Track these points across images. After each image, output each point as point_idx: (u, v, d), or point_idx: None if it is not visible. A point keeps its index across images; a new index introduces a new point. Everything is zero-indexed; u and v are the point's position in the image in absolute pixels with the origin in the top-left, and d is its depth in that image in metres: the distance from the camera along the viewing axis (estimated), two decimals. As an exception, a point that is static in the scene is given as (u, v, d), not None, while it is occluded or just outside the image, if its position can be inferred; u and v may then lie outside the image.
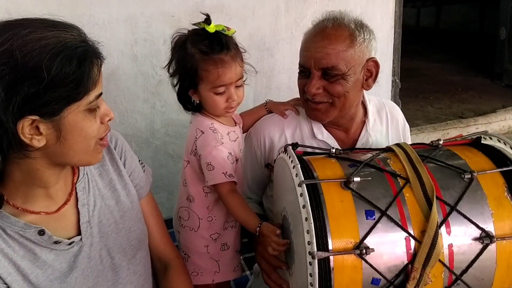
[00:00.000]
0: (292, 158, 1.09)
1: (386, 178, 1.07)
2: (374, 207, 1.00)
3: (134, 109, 2.09)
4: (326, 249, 0.95)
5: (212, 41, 1.22)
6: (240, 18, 2.16)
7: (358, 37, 1.29)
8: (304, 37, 1.37)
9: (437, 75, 5.05)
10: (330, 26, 1.29)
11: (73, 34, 0.86)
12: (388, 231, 0.99)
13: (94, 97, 0.89)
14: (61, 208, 1.01)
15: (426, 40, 6.29)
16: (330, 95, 1.31)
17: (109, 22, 1.90)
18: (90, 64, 0.86)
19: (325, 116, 1.36)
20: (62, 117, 0.86)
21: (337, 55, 1.26)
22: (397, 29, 2.56)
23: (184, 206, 1.39)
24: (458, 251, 1.01)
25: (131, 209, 1.14)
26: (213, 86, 1.25)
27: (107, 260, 1.08)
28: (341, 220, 0.99)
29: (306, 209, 0.97)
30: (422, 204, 1.02)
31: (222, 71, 1.23)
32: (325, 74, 1.28)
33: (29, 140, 0.85)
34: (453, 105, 4.03)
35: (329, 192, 1.02)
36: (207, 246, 1.38)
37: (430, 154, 1.14)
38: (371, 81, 1.37)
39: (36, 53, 0.80)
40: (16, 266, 0.94)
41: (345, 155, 1.17)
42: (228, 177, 1.26)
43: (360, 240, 0.97)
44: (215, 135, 1.28)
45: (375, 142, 1.47)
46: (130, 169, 1.16)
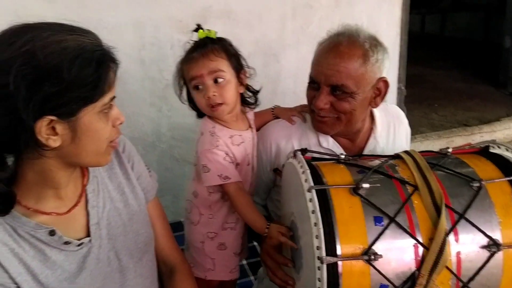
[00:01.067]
0: (301, 163, 1.09)
1: (394, 185, 1.07)
2: (383, 214, 1.01)
3: (141, 112, 2.10)
4: (334, 254, 0.96)
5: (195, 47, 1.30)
6: (247, 24, 2.17)
7: (371, 57, 1.27)
8: (317, 48, 1.36)
9: (442, 82, 5.04)
10: (345, 44, 1.27)
11: (90, 38, 0.88)
12: (397, 237, 1.00)
13: (108, 100, 0.91)
14: (71, 209, 1.02)
15: (431, 47, 6.29)
16: (337, 111, 1.31)
17: (117, 26, 1.92)
18: (107, 68, 0.89)
19: (330, 130, 1.37)
20: (78, 118, 0.87)
21: (347, 74, 1.25)
22: (403, 36, 2.56)
23: (189, 200, 1.44)
24: (465, 258, 1.01)
25: (138, 212, 1.15)
26: (189, 81, 1.30)
27: (114, 262, 1.09)
28: (350, 225, 0.99)
29: (315, 214, 0.98)
30: (431, 211, 1.02)
31: (190, 65, 1.28)
32: (334, 90, 1.28)
33: (46, 140, 0.86)
34: (458, 113, 4.02)
35: (338, 197, 1.02)
36: (203, 243, 1.41)
37: (439, 161, 1.15)
38: (379, 100, 1.36)
39: (57, 55, 0.82)
40: (26, 266, 0.94)
41: (353, 161, 1.17)
42: (223, 179, 1.29)
43: (369, 246, 0.98)
44: (211, 138, 1.31)
45: (383, 149, 1.47)
46: (137, 173, 1.17)
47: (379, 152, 1.46)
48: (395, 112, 1.56)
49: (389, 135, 1.49)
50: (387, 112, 1.51)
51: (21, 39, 0.82)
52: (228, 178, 1.30)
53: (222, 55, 1.29)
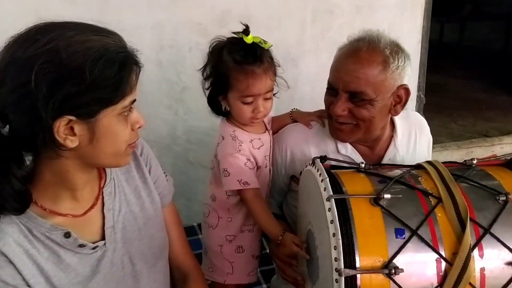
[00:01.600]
0: (320, 172, 1.07)
1: (417, 196, 1.05)
2: (405, 226, 0.98)
3: (157, 115, 2.09)
4: (353, 266, 0.93)
5: (247, 52, 1.24)
6: (266, 28, 2.15)
7: (391, 64, 1.24)
8: (337, 53, 1.34)
9: (461, 91, 4.95)
10: (364, 50, 1.24)
11: (114, 40, 0.87)
12: (419, 251, 0.97)
13: (129, 102, 0.90)
14: (87, 211, 1.01)
15: (449, 56, 6.18)
16: (355, 118, 1.28)
17: (137, 28, 1.91)
18: (129, 70, 0.88)
19: (347, 137, 1.34)
20: (97, 119, 0.87)
21: (366, 81, 1.23)
22: (424, 44, 2.52)
23: (207, 203, 1.43)
24: (490, 275, 0.98)
25: (154, 217, 1.14)
26: (241, 96, 1.26)
27: (128, 266, 1.07)
28: (370, 237, 0.97)
29: (334, 225, 0.95)
30: (455, 225, 0.99)
31: (252, 82, 1.24)
32: (352, 97, 1.26)
33: (63, 140, 0.85)
34: (478, 123, 3.93)
35: (358, 208, 1.00)
36: (221, 246, 1.41)
37: (463, 173, 1.12)
38: (399, 107, 1.33)
39: (80, 54, 0.81)
40: (40, 268, 0.93)
41: (374, 171, 1.15)
42: (242, 184, 1.29)
43: (389, 259, 0.95)
44: (233, 143, 1.31)
45: (403, 158, 1.43)
46: (155, 177, 1.16)
47: (399, 160, 1.42)
48: (416, 120, 1.52)
49: (409, 143, 1.45)
50: (408, 119, 1.47)
51: (45, 37, 0.81)
52: (247, 184, 1.29)
53: (274, 71, 1.29)
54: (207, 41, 2.05)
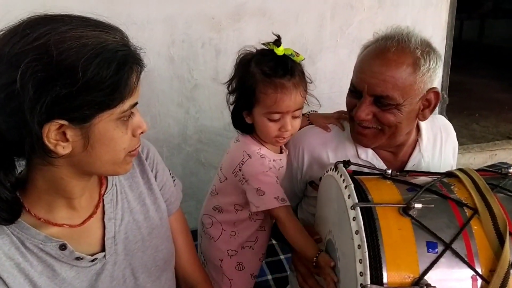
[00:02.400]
0: (344, 177, 0.99)
1: (450, 207, 0.96)
2: (437, 239, 0.90)
3: (168, 113, 2.04)
4: (380, 282, 0.85)
5: (277, 64, 1.14)
6: (282, 23, 2.08)
7: (422, 66, 1.14)
8: (362, 51, 1.24)
9: (482, 91, 4.84)
10: (393, 50, 1.14)
11: (115, 36, 0.79)
12: (453, 267, 0.88)
13: (128, 106, 0.82)
14: (86, 221, 0.94)
15: (469, 54, 6.06)
16: (380, 122, 1.19)
17: (148, 22, 1.85)
18: (130, 71, 0.79)
19: (370, 142, 1.24)
20: (92, 124, 0.79)
21: (394, 84, 1.12)
22: (448, 41, 2.42)
23: (209, 214, 1.35)
24: (531, 295, 0.88)
25: (159, 226, 1.06)
26: (268, 112, 1.17)
27: (130, 280, 1.00)
28: (399, 250, 0.88)
29: (360, 235, 0.88)
30: (493, 239, 0.91)
31: (281, 96, 1.14)
32: (378, 101, 1.16)
33: (54, 146, 0.78)
34: (500, 125, 3.82)
35: (386, 218, 0.91)
36: (221, 260, 1.33)
37: (499, 183, 1.03)
38: (427, 112, 1.22)
39: (74, 52, 0.73)
40: (33, 283, 0.86)
41: (402, 178, 1.06)
42: (280, 201, 1.20)
43: (420, 276, 0.86)
44: (263, 160, 1.22)
45: (428, 164, 1.34)
46: (161, 183, 1.08)
47: (424, 166, 1.33)
48: (442, 124, 1.42)
49: (435, 148, 1.36)
50: (433, 123, 1.37)
51: (35, 32, 0.74)
52: (285, 200, 1.20)
53: (305, 87, 1.20)
54: (221, 36, 1.99)
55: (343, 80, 2.41)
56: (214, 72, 2.01)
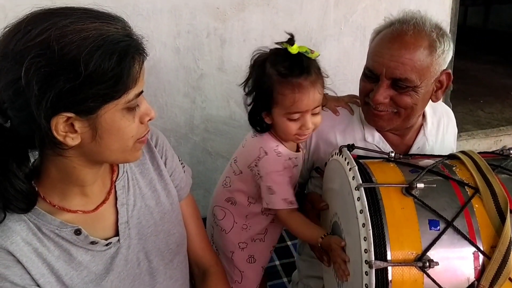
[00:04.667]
0: (348, 160, 1.02)
1: (452, 187, 0.99)
2: (439, 217, 0.92)
3: (174, 103, 2.05)
4: (384, 258, 0.88)
5: (293, 63, 1.13)
6: (286, 12, 2.08)
7: (438, 48, 1.17)
8: (376, 36, 1.26)
9: (487, 77, 4.80)
10: (410, 33, 1.17)
11: (117, 27, 0.79)
12: (454, 244, 0.91)
13: (133, 96, 0.83)
14: (99, 207, 0.96)
15: (474, 40, 6.00)
16: (397, 105, 1.22)
17: (153, 13, 1.86)
18: (132, 61, 0.80)
19: (386, 124, 1.27)
20: (98, 115, 0.80)
21: (412, 67, 1.16)
22: (453, 27, 2.41)
23: (221, 206, 1.35)
24: (532, 270, 0.91)
25: (171, 211, 1.09)
26: (288, 112, 1.16)
27: (144, 263, 1.03)
28: (402, 228, 0.91)
29: (364, 214, 0.91)
30: (494, 217, 0.93)
31: (299, 96, 1.13)
32: (395, 84, 1.19)
33: (63, 138, 0.80)
34: (505, 110, 3.80)
35: (389, 197, 0.94)
36: (232, 252, 1.34)
37: (500, 163, 1.05)
38: (440, 93, 1.27)
39: (75, 46, 0.74)
40: (50, 267, 0.90)
41: (405, 160, 1.09)
42: (288, 204, 1.20)
43: (423, 252, 0.90)
44: (279, 159, 1.21)
45: (432, 147, 1.38)
46: (171, 169, 1.10)
47: (428, 150, 1.37)
48: (444, 109, 1.46)
49: (438, 132, 1.40)
50: (436, 109, 1.41)
51: (37, 28, 0.75)
52: (292, 204, 1.21)
53: (322, 83, 1.18)
54: (226, 26, 2.00)
55: (347, 68, 2.41)
56: (220, 61, 2.02)
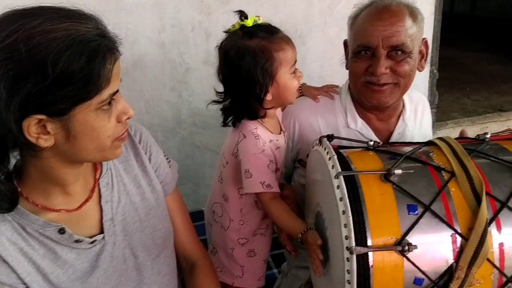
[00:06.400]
0: (328, 150, 1.03)
1: (429, 172, 1.00)
2: (417, 202, 0.94)
3: (161, 97, 2.05)
4: (365, 244, 0.90)
5: (264, 28, 1.19)
6: (271, 4, 2.08)
7: (418, 15, 1.27)
8: (357, 18, 1.30)
9: (474, 65, 4.83)
10: (394, 4, 1.26)
11: (88, 26, 0.78)
12: (432, 227, 0.93)
13: (107, 96, 0.81)
14: (82, 205, 0.97)
15: (461, 28, 6.02)
16: (396, 75, 1.26)
17: (137, 7, 1.85)
18: (103, 61, 0.78)
19: (389, 99, 1.30)
20: (71, 116, 0.79)
21: (405, 32, 1.23)
22: (437, 16, 2.42)
23: (219, 202, 1.36)
24: (509, 250, 0.94)
25: (156, 207, 1.09)
26: (291, 65, 1.22)
27: (130, 259, 1.04)
28: (381, 214, 0.93)
29: (344, 202, 0.92)
30: (470, 200, 0.95)
31: (292, 46, 1.21)
32: (391, 53, 1.25)
33: (36, 139, 0.79)
34: (492, 97, 3.84)
35: (368, 185, 0.96)
36: (232, 249, 1.35)
37: (476, 147, 1.07)
38: (423, 62, 1.35)
39: (43, 47, 0.73)
40: (36, 265, 0.91)
41: (383, 148, 1.10)
42: (265, 187, 1.21)
43: (402, 236, 0.91)
44: (256, 142, 1.22)
45: (412, 133, 1.42)
46: (155, 165, 1.11)
47: (408, 135, 1.41)
48: (419, 97, 1.53)
49: (416, 119, 1.45)
50: (411, 97, 1.47)
51: (6, 30, 0.73)
52: (270, 186, 1.21)
53: None
54: (210, 19, 2.00)
55: (334, 59, 2.41)
56: (206, 55, 2.03)
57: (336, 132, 1.15)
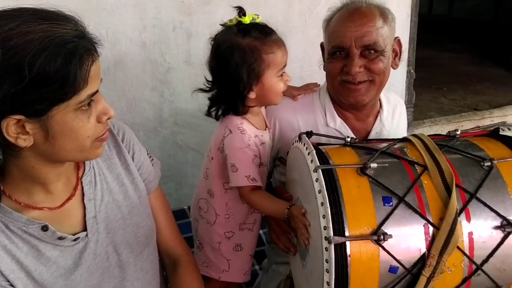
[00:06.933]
0: (307, 145, 1.07)
1: (403, 166, 1.05)
2: (392, 194, 0.98)
3: (142, 97, 2.06)
4: (342, 234, 0.94)
5: (259, 28, 1.21)
6: (252, 5, 2.08)
7: (388, 15, 1.32)
8: (331, 21, 1.35)
9: (451, 65, 4.95)
10: (364, 6, 1.31)
11: (66, 28, 0.79)
12: (406, 217, 0.97)
13: (86, 96, 0.82)
14: (65, 203, 0.98)
15: (439, 29, 6.16)
16: (371, 73, 1.31)
17: (117, 8, 1.85)
18: (80, 62, 0.79)
19: (366, 96, 1.35)
20: (49, 116, 0.80)
21: (376, 32, 1.27)
22: (413, 17, 2.49)
23: (204, 198, 1.37)
24: (478, 239, 0.98)
25: (139, 205, 1.11)
26: (279, 69, 1.24)
27: (113, 256, 1.05)
28: (358, 206, 0.97)
29: (322, 194, 0.95)
30: (441, 191, 1.00)
31: (284, 50, 1.24)
32: (364, 52, 1.29)
33: (14, 139, 0.80)
34: (468, 97, 3.95)
35: (345, 178, 1.00)
36: (219, 243, 1.36)
37: (447, 143, 1.13)
38: (397, 60, 1.40)
39: (20, 49, 0.74)
40: (20, 263, 0.91)
41: (360, 144, 1.15)
42: (250, 181, 1.24)
43: (378, 227, 0.95)
44: (242, 136, 1.25)
45: (388, 132, 1.46)
46: (138, 163, 1.12)
47: (385, 134, 1.45)
48: (396, 99, 1.57)
49: (393, 119, 1.50)
50: (389, 98, 1.52)
51: None
52: (255, 180, 1.24)
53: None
54: (191, 20, 2.02)
55: (313, 60, 2.45)
56: (187, 55, 2.04)
57: (316, 131, 1.19)
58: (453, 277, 0.98)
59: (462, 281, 0.99)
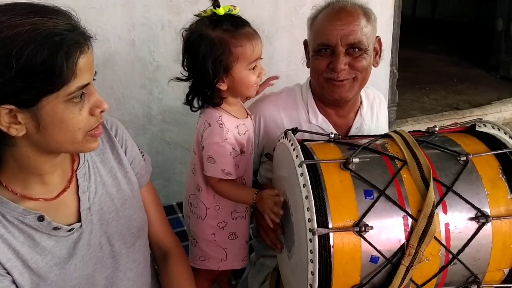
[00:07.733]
0: (292, 141, 1.10)
1: (384, 161, 1.09)
2: (373, 187, 1.03)
3: (131, 95, 2.08)
4: (326, 226, 0.98)
5: (232, 20, 1.21)
6: (239, 4, 2.09)
7: (371, 15, 1.37)
8: (316, 19, 1.39)
9: (433, 66, 5.05)
10: (349, 5, 1.35)
11: (57, 21, 0.81)
12: (386, 210, 1.02)
13: (75, 88, 0.84)
14: (60, 194, 1.00)
15: (422, 31, 6.28)
16: (354, 70, 1.35)
17: (106, 6, 1.87)
18: (66, 54, 0.81)
19: (349, 93, 1.39)
20: (39, 107, 0.82)
21: (361, 31, 1.32)
22: (396, 19, 2.56)
23: (194, 194, 1.40)
24: (454, 230, 1.03)
25: (131, 198, 1.13)
26: (249, 62, 1.24)
27: (106, 247, 1.08)
28: (341, 199, 1.01)
29: (307, 188, 0.99)
30: (419, 185, 1.04)
31: (255, 43, 1.23)
32: (349, 50, 1.33)
33: (7, 128, 0.83)
34: (449, 96, 4.04)
35: (329, 172, 1.04)
36: (213, 234, 1.38)
37: (426, 139, 1.17)
38: (378, 58, 1.45)
39: (9, 41, 0.77)
40: (16, 252, 0.94)
41: (343, 140, 1.19)
42: (225, 174, 1.28)
43: (359, 219, 1.00)
44: (220, 130, 1.27)
45: (369, 127, 1.51)
46: (131, 158, 1.15)
47: (365, 129, 1.50)
48: (376, 94, 1.62)
49: (373, 114, 1.55)
50: (368, 94, 1.56)
51: None
52: (230, 174, 1.28)
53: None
54: (180, 19, 2.04)
55: (299, 58, 2.50)
56: (175, 53, 2.04)
57: (299, 127, 1.23)
58: (430, 266, 1.03)
59: (439, 270, 1.04)
